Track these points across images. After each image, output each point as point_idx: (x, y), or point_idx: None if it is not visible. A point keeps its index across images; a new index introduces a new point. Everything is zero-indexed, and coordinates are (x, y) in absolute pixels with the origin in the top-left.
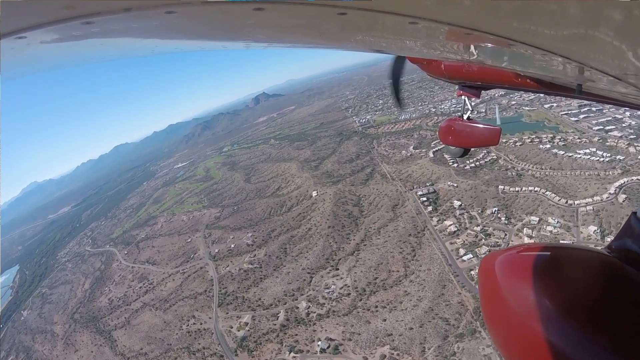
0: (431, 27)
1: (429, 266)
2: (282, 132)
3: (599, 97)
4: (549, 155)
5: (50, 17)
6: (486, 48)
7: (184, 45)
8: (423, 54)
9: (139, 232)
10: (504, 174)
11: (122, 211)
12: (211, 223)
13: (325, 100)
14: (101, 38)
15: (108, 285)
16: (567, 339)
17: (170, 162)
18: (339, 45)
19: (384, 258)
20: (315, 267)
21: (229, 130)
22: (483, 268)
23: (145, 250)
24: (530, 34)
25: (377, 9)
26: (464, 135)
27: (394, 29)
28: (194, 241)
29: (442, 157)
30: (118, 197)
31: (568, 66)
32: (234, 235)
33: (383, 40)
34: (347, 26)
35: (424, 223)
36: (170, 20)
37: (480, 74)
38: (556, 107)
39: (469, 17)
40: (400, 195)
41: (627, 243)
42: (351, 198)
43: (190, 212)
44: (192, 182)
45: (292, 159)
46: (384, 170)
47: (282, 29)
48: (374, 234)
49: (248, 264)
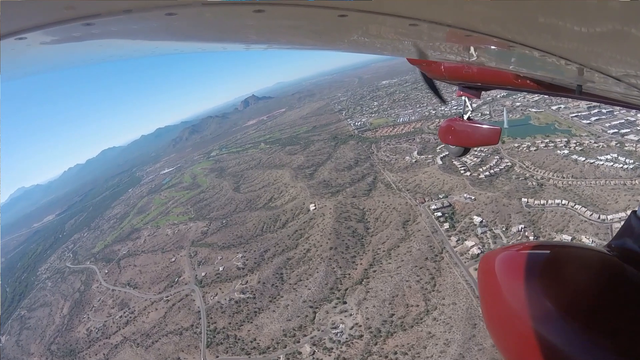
0: (431, 28)
1: (454, 299)
2: (273, 135)
3: (599, 97)
4: (568, 162)
5: (50, 18)
6: (486, 49)
7: (184, 46)
8: (423, 56)
9: (121, 247)
10: (524, 184)
11: (105, 221)
12: (197, 239)
13: (317, 103)
14: (101, 39)
15: (87, 311)
16: (567, 338)
17: (157, 167)
18: (339, 47)
19: (399, 288)
20: (318, 299)
21: (217, 133)
22: (483, 266)
23: (127, 269)
24: (530, 36)
25: (378, 10)
26: (464, 135)
27: (394, 30)
28: (178, 261)
29: (452, 164)
30: (102, 205)
31: (568, 67)
32: (222, 255)
33: (383, 42)
34: (348, 28)
35: (441, 244)
36: (171, 22)
37: (480, 75)
38: (564, 109)
39: (469, 19)
40: (411, 209)
41: (627, 242)
42: (354, 212)
43: (175, 225)
44: (178, 190)
45: (284, 165)
46: (388, 179)
47: (282, 31)
48: (384, 257)
49: (239, 292)
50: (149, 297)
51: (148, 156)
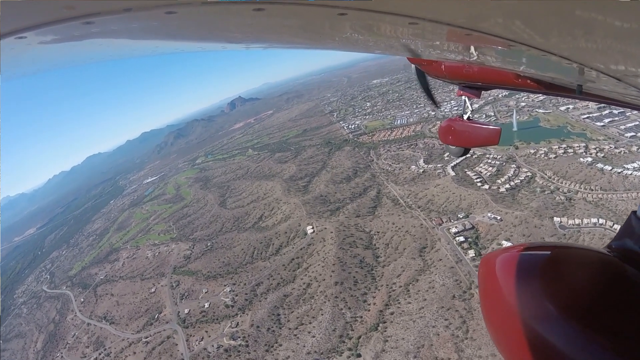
0: (431, 27)
1: (493, 349)
2: (261, 140)
3: (599, 97)
4: (594, 171)
5: (50, 17)
6: (486, 49)
7: (184, 46)
8: (423, 55)
9: (99, 271)
10: (552, 199)
11: (84, 238)
12: (179, 265)
13: (306, 104)
14: (101, 38)
15: (60, 348)
16: (567, 339)
17: (141, 176)
18: (339, 45)
19: (424, 336)
20: (326, 350)
21: (203, 138)
22: (483, 268)
23: (104, 299)
24: (530, 35)
25: (378, 9)
26: (464, 135)
27: (394, 29)
28: (159, 292)
29: (466, 175)
30: (83, 218)
31: (568, 67)
32: (207, 286)
33: (383, 41)
34: (347, 27)
35: (469, 277)
36: (171, 21)
37: (481, 75)
38: (573, 110)
39: (469, 18)
40: (427, 232)
41: (627, 243)
42: (360, 237)
43: (156, 246)
44: (161, 204)
45: (274, 175)
46: (394, 192)
47: (282, 30)
48: (401, 295)
49: (229, 338)
50: (126, 337)
51: (132, 163)
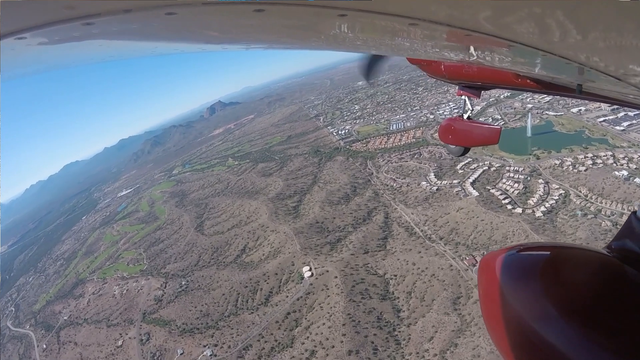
0: (431, 28)
1: None
2: (242, 148)
3: (599, 97)
4: (633, 187)
5: (50, 17)
6: (486, 49)
7: (184, 46)
8: (423, 55)
9: (63, 309)
10: (598, 226)
11: (52, 262)
12: (150, 310)
13: (288, 108)
14: (101, 39)
15: None
16: (567, 339)
17: (115, 188)
18: (339, 46)
19: None
20: None
21: (181, 145)
22: (482, 267)
23: (67, 348)
24: (530, 35)
25: (378, 10)
26: (464, 135)
27: (394, 30)
28: (126, 347)
29: (490, 195)
30: (54, 236)
31: (568, 66)
32: (183, 345)
33: (383, 42)
34: (348, 27)
35: None
36: (171, 22)
37: (481, 75)
38: (585, 111)
39: (469, 19)
40: (459, 275)
41: (627, 243)
42: (372, 282)
43: (124, 281)
44: (133, 223)
45: (258, 192)
46: (405, 217)
47: (282, 31)
48: None
49: None
50: None
51: (108, 172)
